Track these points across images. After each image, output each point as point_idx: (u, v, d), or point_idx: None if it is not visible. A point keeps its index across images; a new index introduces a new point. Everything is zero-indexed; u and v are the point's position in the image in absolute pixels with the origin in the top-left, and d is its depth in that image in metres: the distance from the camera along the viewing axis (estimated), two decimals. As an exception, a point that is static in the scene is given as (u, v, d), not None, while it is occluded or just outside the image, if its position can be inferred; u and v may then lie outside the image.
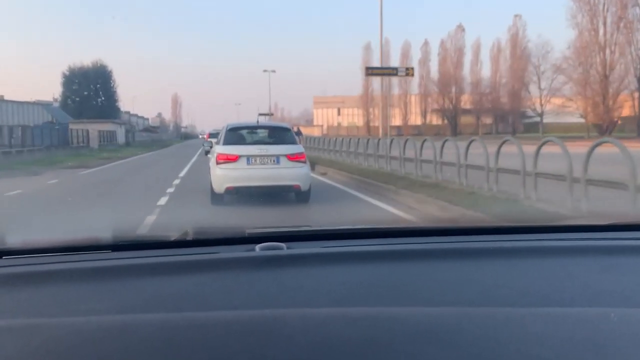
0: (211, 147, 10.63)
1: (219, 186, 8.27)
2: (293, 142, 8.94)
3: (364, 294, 1.03)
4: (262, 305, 0.96)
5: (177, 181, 12.79)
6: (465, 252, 1.29)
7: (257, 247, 1.29)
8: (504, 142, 8.50)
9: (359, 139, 17.70)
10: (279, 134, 9.33)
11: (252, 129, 9.62)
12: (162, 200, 9.20)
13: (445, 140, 10.78)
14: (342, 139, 19.71)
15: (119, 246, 1.33)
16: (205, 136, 33.79)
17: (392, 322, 0.83)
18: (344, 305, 0.97)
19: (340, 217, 7.92)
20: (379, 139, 16.27)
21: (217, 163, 8.35)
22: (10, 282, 1.11)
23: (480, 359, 0.72)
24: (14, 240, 1.37)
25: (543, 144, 7.44)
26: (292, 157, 8.48)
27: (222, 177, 8.27)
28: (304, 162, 8.65)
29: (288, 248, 1.29)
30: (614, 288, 1.05)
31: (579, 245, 1.36)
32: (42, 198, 10.82)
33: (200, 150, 25.75)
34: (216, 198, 8.42)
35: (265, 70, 58.42)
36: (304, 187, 8.48)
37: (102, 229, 1.44)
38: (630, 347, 0.75)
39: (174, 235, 1.39)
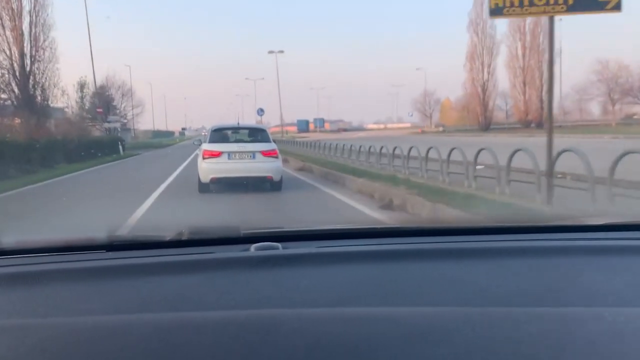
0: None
1: (205, 177, 9.94)
2: (267, 141, 10.48)
3: (360, 293, 1.03)
4: (258, 305, 0.96)
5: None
6: (460, 252, 1.29)
7: (253, 247, 1.29)
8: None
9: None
10: (255, 134, 10.98)
11: (233, 129, 11.22)
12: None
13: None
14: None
15: (113, 246, 1.32)
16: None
17: (388, 322, 0.83)
18: (340, 305, 0.97)
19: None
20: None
21: (203, 158, 9.98)
22: (5, 282, 1.11)
23: (475, 359, 0.72)
24: (8, 240, 1.36)
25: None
26: (266, 153, 10.03)
27: (207, 169, 9.93)
28: (276, 157, 10.17)
29: (283, 248, 1.29)
30: (608, 288, 1.05)
31: (574, 245, 1.36)
32: None
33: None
34: (203, 187, 10.02)
35: (271, 52, 51.37)
36: (275, 178, 10.07)
37: (97, 229, 1.43)
38: (625, 346, 0.75)
39: (169, 235, 1.38)
